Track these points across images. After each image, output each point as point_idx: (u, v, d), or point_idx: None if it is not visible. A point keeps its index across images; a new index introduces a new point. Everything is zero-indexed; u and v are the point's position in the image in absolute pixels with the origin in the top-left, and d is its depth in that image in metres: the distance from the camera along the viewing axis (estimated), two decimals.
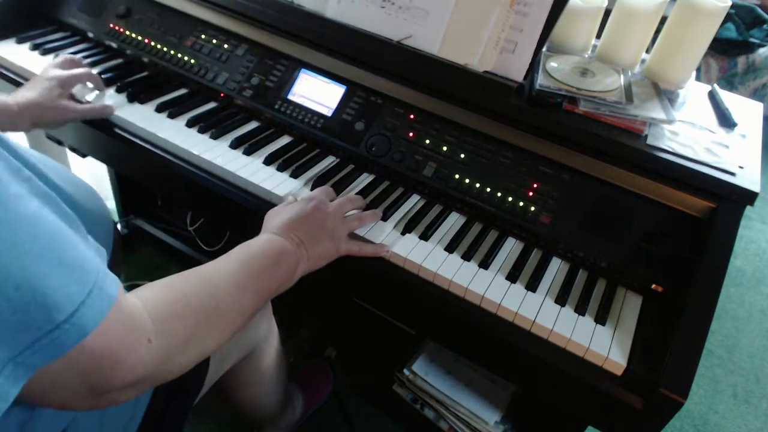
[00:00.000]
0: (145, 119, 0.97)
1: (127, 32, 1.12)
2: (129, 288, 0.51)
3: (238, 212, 0.90)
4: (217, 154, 0.92)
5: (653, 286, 0.76)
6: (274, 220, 0.74)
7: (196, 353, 0.55)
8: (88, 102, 0.99)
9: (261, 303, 0.64)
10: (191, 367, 0.55)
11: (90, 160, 1.57)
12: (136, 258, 1.74)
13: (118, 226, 1.68)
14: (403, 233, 0.83)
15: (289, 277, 0.68)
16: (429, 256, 0.79)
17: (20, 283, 0.39)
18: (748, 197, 0.76)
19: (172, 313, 0.51)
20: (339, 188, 0.89)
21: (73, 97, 0.97)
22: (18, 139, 1.44)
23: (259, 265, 0.64)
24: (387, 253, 0.79)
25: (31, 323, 0.40)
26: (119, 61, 1.12)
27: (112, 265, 0.77)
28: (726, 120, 0.94)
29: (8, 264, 0.39)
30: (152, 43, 1.10)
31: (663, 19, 0.95)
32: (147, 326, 0.48)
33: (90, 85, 1.01)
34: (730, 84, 2.61)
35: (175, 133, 0.95)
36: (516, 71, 0.87)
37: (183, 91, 1.07)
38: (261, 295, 0.63)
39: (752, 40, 2.53)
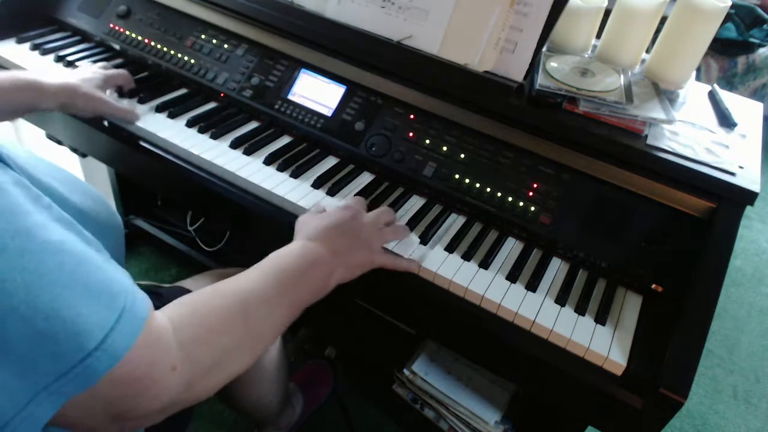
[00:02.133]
0: (145, 119, 0.97)
1: (127, 32, 1.12)
2: None
3: (238, 212, 0.90)
4: (217, 154, 0.92)
5: (653, 286, 0.76)
6: (309, 225, 0.72)
7: (222, 378, 0.53)
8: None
9: (294, 316, 0.61)
10: (217, 389, 0.53)
11: (90, 160, 1.58)
12: (136, 258, 1.74)
13: None
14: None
15: (324, 285, 0.66)
16: (429, 256, 0.79)
17: (49, 313, 0.39)
18: (748, 197, 0.76)
19: (198, 339, 0.49)
20: (339, 188, 0.89)
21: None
22: (17, 138, 1.44)
23: (293, 277, 0.61)
24: (419, 270, 0.77)
25: (62, 353, 0.40)
26: (119, 61, 1.12)
27: None
28: (726, 120, 0.94)
29: (37, 296, 0.39)
30: (152, 43, 1.10)
31: (663, 19, 0.95)
32: (173, 352, 0.47)
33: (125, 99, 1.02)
34: (730, 84, 2.61)
35: (175, 133, 0.95)
36: (516, 71, 0.87)
37: (183, 91, 1.07)
38: (294, 307, 0.61)
39: (752, 40, 2.53)
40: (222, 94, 1.04)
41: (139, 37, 1.11)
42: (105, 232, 0.61)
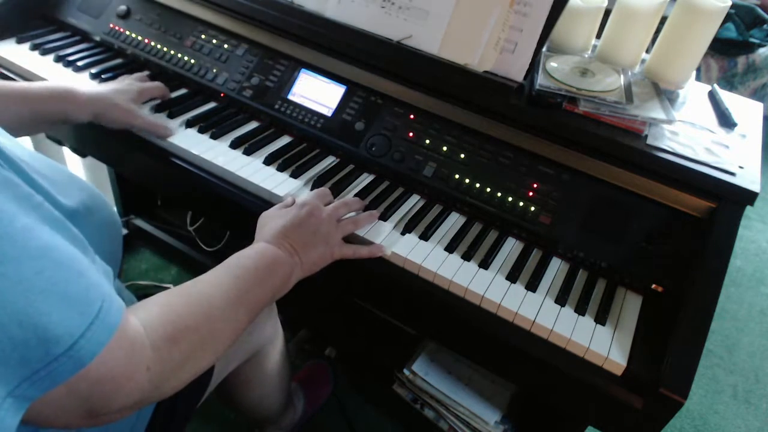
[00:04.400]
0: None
1: (127, 32, 1.12)
2: (128, 288, 0.51)
3: (238, 212, 0.90)
4: (217, 154, 0.92)
5: (653, 286, 0.76)
6: (267, 227, 0.73)
7: (192, 373, 0.55)
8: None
9: (255, 315, 0.63)
10: (184, 386, 0.54)
11: (90, 160, 1.58)
12: (136, 258, 1.74)
13: None
14: (403, 233, 0.83)
15: (284, 285, 0.68)
16: (429, 256, 0.79)
17: (23, 319, 0.40)
18: (748, 197, 0.76)
19: (170, 338, 0.51)
20: (339, 188, 0.89)
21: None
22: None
23: (253, 278, 0.63)
24: (384, 254, 0.78)
25: (30, 357, 0.40)
26: (119, 61, 1.12)
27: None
28: (726, 120, 0.94)
29: (14, 302, 0.39)
30: (152, 43, 1.10)
31: (663, 19, 0.95)
32: (147, 353, 0.48)
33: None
34: (730, 84, 2.61)
35: (175, 134, 0.95)
36: (516, 71, 0.87)
37: (183, 91, 1.07)
38: (255, 307, 0.63)
39: (752, 40, 2.53)
40: (222, 94, 1.04)
41: (139, 37, 1.11)
42: (101, 231, 0.61)
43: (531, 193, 0.84)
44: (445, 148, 0.90)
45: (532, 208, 0.84)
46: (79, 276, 0.44)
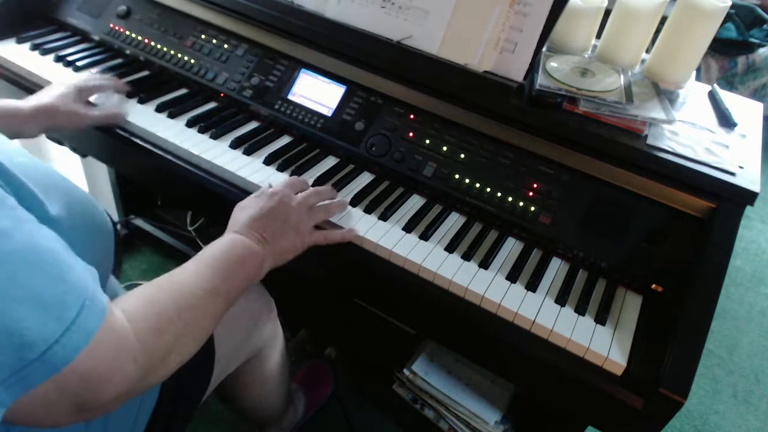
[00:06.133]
0: (145, 119, 0.97)
1: (127, 32, 1.12)
2: (128, 288, 0.51)
3: None
4: (217, 154, 0.92)
5: (653, 286, 0.76)
6: (238, 217, 0.74)
7: (177, 362, 0.56)
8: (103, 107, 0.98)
9: (232, 303, 0.65)
10: (168, 375, 0.55)
11: (90, 160, 1.58)
12: (136, 258, 1.74)
13: (118, 227, 1.68)
14: (403, 233, 0.83)
15: (256, 274, 0.69)
16: (429, 256, 0.79)
17: None
18: (748, 197, 0.76)
19: (155, 330, 0.52)
20: (339, 188, 0.89)
21: (89, 105, 0.95)
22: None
23: (228, 269, 0.64)
24: (355, 238, 0.80)
25: (3, 363, 0.41)
26: (119, 61, 1.12)
27: (112, 271, 0.77)
28: (726, 120, 0.94)
29: None
30: (152, 43, 1.10)
31: (663, 19, 0.95)
32: (133, 346, 0.49)
33: (115, 96, 1.01)
34: (730, 84, 2.61)
35: (175, 133, 0.95)
36: (516, 71, 0.87)
37: (183, 91, 1.07)
38: (231, 296, 0.64)
39: (752, 40, 2.53)
40: (222, 94, 1.04)
41: (139, 37, 1.11)
42: (89, 238, 0.61)
43: (531, 193, 0.84)
44: (445, 148, 0.90)
45: (532, 208, 0.84)
46: (57, 280, 0.44)
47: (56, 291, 0.44)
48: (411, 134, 0.92)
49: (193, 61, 1.07)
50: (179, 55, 1.08)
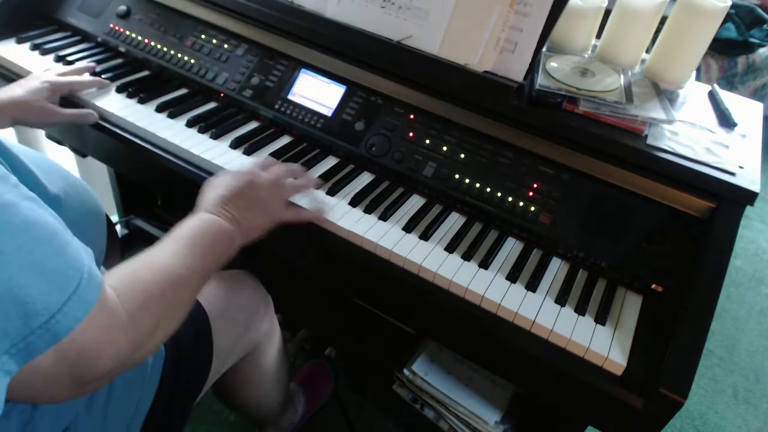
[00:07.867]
0: (145, 119, 0.97)
1: (127, 32, 1.12)
2: None
3: None
4: (218, 153, 0.92)
5: (653, 286, 0.76)
6: (207, 195, 0.74)
7: (162, 337, 0.58)
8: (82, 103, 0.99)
9: (207, 280, 0.66)
10: (158, 349, 0.57)
11: (90, 160, 1.58)
12: None
13: (118, 227, 1.68)
14: (403, 233, 0.83)
15: (228, 251, 0.70)
16: (429, 256, 0.79)
17: (3, 293, 0.41)
18: (748, 197, 0.76)
19: (142, 306, 0.54)
20: (339, 188, 0.89)
21: (64, 101, 0.96)
22: (17, 138, 1.44)
23: (204, 248, 0.66)
24: (326, 222, 0.81)
25: (9, 330, 0.42)
26: (119, 61, 1.12)
27: (108, 265, 0.77)
28: (726, 120, 0.94)
29: None
30: (152, 43, 1.10)
31: (663, 19, 0.95)
32: (124, 320, 0.51)
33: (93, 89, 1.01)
34: (730, 84, 2.61)
35: (175, 133, 0.95)
36: (516, 71, 0.87)
37: (183, 91, 1.07)
38: (207, 272, 0.66)
39: (752, 40, 2.53)
40: (222, 94, 1.04)
41: (139, 37, 1.11)
42: (84, 220, 0.63)
43: (531, 193, 0.84)
44: (445, 148, 0.90)
45: (532, 208, 0.84)
46: (59, 252, 0.46)
47: (58, 263, 0.45)
48: (411, 134, 0.92)
49: (193, 61, 1.07)
50: (179, 55, 1.08)
